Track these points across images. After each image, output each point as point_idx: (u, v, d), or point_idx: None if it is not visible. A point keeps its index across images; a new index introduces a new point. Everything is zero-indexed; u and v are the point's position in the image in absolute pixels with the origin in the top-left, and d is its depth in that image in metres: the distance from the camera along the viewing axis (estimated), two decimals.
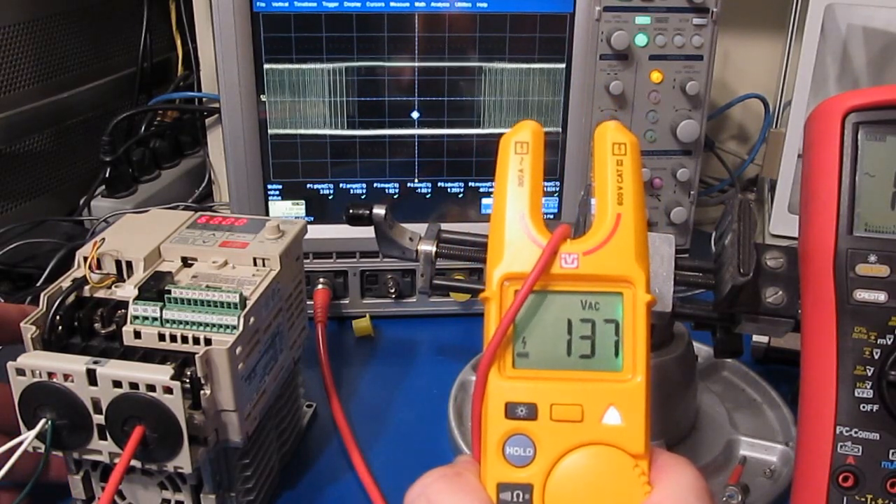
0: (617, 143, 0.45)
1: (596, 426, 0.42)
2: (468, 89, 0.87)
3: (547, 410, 0.42)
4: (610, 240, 0.43)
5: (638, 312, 0.43)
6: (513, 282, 0.43)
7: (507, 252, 0.43)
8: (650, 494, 0.41)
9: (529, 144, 0.45)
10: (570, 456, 0.42)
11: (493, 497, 0.42)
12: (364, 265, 0.91)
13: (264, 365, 0.64)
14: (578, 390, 0.42)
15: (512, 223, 0.44)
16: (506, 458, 0.42)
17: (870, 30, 1.09)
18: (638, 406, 0.42)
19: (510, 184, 0.45)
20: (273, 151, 0.87)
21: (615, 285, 0.43)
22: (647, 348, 0.43)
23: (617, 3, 0.83)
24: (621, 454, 0.42)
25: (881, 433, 0.51)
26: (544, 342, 0.43)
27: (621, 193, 0.44)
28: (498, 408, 0.42)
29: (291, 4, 0.82)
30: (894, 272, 0.51)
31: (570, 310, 0.43)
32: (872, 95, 0.53)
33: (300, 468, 0.73)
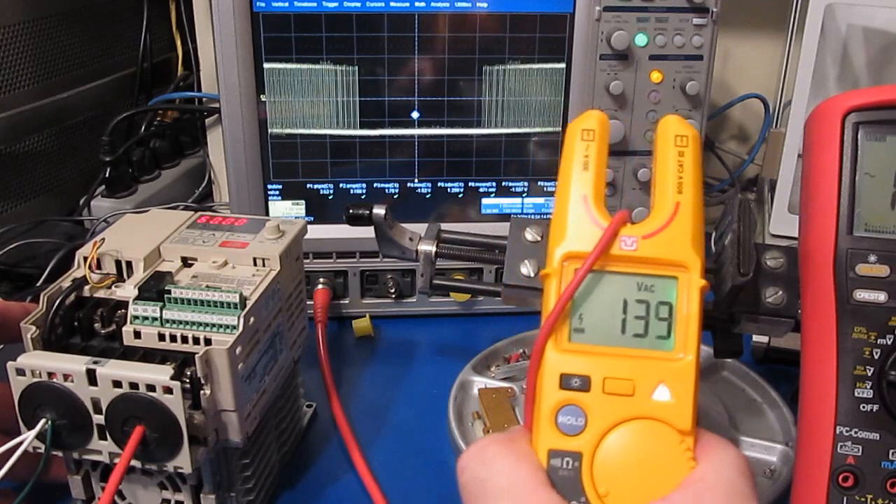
0: (679, 135, 0.48)
1: (646, 401, 0.44)
2: (468, 89, 0.87)
3: (600, 383, 0.44)
4: (668, 226, 0.46)
5: (692, 296, 0.45)
6: (573, 260, 0.46)
7: (569, 232, 0.46)
8: (695, 469, 0.43)
9: (596, 132, 0.49)
10: (620, 428, 0.44)
11: (543, 463, 0.44)
12: (364, 265, 0.91)
13: (264, 365, 0.64)
14: (631, 366, 0.45)
15: (575, 205, 0.47)
16: (558, 426, 0.44)
17: (870, 30, 1.09)
18: (687, 384, 0.44)
19: (575, 168, 0.48)
20: (273, 151, 0.87)
21: (671, 269, 0.46)
22: (698, 330, 0.45)
23: (617, 3, 0.83)
24: (669, 429, 0.44)
25: (881, 433, 0.51)
26: (600, 319, 0.46)
27: (681, 183, 0.47)
28: (553, 379, 0.44)
29: (291, 4, 0.82)
30: (894, 272, 0.51)
31: (626, 290, 0.46)
32: (872, 95, 0.53)
33: (300, 468, 0.73)
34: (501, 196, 0.91)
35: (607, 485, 0.43)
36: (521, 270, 0.61)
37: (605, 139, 0.49)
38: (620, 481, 0.43)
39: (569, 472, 0.43)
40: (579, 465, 0.43)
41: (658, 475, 0.43)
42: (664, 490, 0.42)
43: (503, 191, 0.91)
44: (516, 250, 0.62)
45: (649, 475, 0.43)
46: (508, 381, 0.81)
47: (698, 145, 0.48)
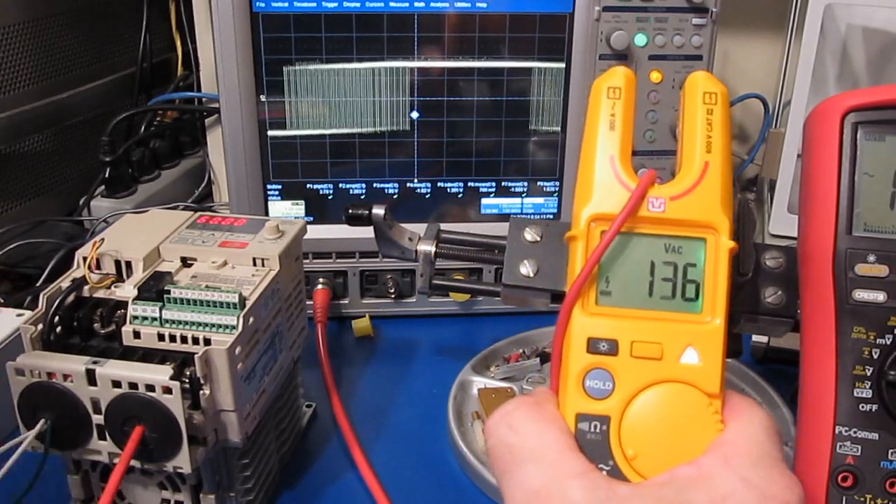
0: (708, 92, 0.46)
1: (674, 364, 0.43)
2: (468, 89, 0.87)
3: (627, 347, 0.44)
4: (697, 186, 0.45)
5: (720, 258, 0.45)
6: (599, 222, 0.45)
7: (595, 193, 0.45)
8: (723, 432, 0.42)
9: (622, 90, 0.47)
10: (648, 391, 0.43)
11: (571, 426, 0.43)
12: (364, 265, 0.91)
13: (264, 365, 0.64)
14: (659, 329, 0.44)
15: (601, 165, 0.46)
16: (585, 390, 0.43)
17: (869, 29, 1.09)
18: (715, 347, 0.44)
19: (601, 127, 0.46)
20: (273, 151, 0.87)
21: (699, 231, 0.45)
22: (727, 293, 0.44)
23: (616, 3, 0.83)
24: (697, 392, 0.43)
25: (880, 433, 0.51)
26: (627, 282, 0.45)
27: (710, 142, 0.45)
28: (580, 342, 0.44)
29: (291, 4, 0.82)
30: (893, 272, 0.51)
31: (653, 252, 0.45)
32: (871, 95, 0.52)
33: (300, 468, 0.73)
34: (501, 196, 0.91)
35: (635, 448, 0.43)
36: (521, 271, 0.61)
37: (632, 97, 0.47)
38: (648, 444, 0.43)
39: (596, 435, 0.43)
40: (607, 428, 0.43)
41: (686, 438, 0.42)
42: (693, 453, 0.42)
43: (503, 191, 0.91)
44: (515, 250, 0.62)
45: (677, 438, 0.42)
46: (508, 381, 0.81)
47: (727, 103, 0.46)
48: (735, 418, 0.43)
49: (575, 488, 0.39)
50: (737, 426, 0.43)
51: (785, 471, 0.41)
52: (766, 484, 0.40)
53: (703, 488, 0.39)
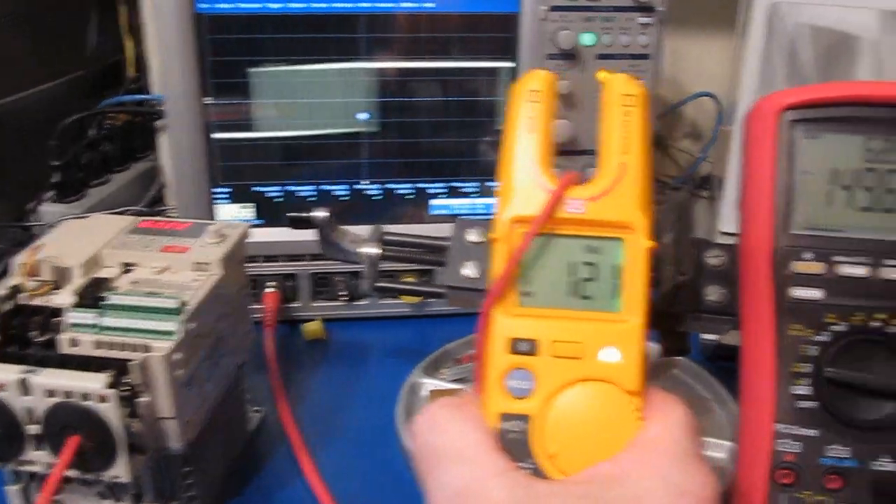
0: (626, 94, 0.48)
1: (594, 363, 0.44)
2: (417, 90, 0.86)
3: (548, 347, 0.44)
4: (615, 187, 0.46)
5: (638, 258, 0.46)
6: (520, 224, 0.45)
7: (515, 196, 0.46)
8: (643, 429, 0.43)
9: (541, 92, 0.48)
10: (569, 390, 0.44)
11: (493, 426, 0.44)
12: (315, 268, 0.91)
13: (206, 371, 0.63)
14: (579, 329, 0.45)
15: (521, 168, 0.46)
16: (507, 390, 0.44)
17: (818, 28, 1.10)
18: (634, 345, 0.45)
19: (520, 130, 0.47)
20: (220, 155, 0.86)
21: (618, 231, 0.46)
22: (645, 292, 0.46)
23: (563, 3, 0.83)
24: (617, 390, 0.44)
25: (819, 430, 0.51)
26: (548, 283, 0.46)
27: (627, 143, 0.46)
28: (501, 343, 0.45)
29: (235, 5, 0.81)
30: (830, 269, 0.51)
31: (573, 253, 0.46)
32: (807, 93, 0.53)
33: (247, 474, 0.72)
34: (452, 197, 0.91)
35: (556, 446, 0.43)
36: (464, 272, 0.61)
37: (552, 99, 0.48)
38: (569, 443, 0.43)
39: (518, 434, 0.43)
40: (528, 427, 0.43)
41: (606, 436, 0.43)
42: (613, 450, 0.42)
43: (454, 192, 0.91)
44: (459, 252, 0.61)
45: (598, 436, 0.43)
46: (459, 383, 0.80)
47: (646, 104, 0.48)
48: (655, 415, 0.44)
49: (496, 487, 0.40)
50: (657, 423, 0.43)
51: (702, 467, 0.41)
52: (683, 480, 0.40)
53: (621, 485, 0.40)
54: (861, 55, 1.10)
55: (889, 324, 0.51)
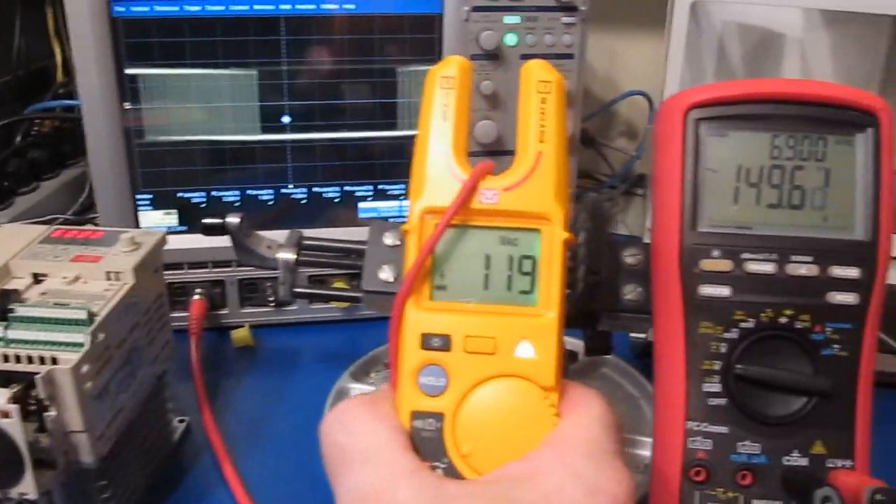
0: (542, 80, 0.46)
1: (508, 359, 0.43)
2: (340, 92, 0.86)
3: (461, 342, 0.43)
4: (530, 177, 0.44)
5: (554, 249, 0.44)
6: (433, 215, 0.44)
7: (428, 186, 0.45)
8: (558, 426, 0.42)
9: (455, 79, 0.46)
10: (482, 387, 0.43)
11: (406, 424, 0.43)
12: (242, 274, 0.90)
13: (119, 382, 0.61)
14: (493, 323, 0.43)
15: (434, 158, 0.45)
16: (419, 387, 0.43)
17: (744, 26, 1.11)
18: (550, 340, 0.43)
19: (434, 118, 0.46)
20: (141, 160, 0.85)
21: (533, 222, 0.44)
22: (562, 285, 0.44)
23: (485, 3, 0.83)
24: (532, 386, 0.43)
25: (730, 427, 0.51)
26: (462, 276, 0.44)
27: (543, 131, 0.45)
28: (413, 338, 0.43)
29: (152, 9, 0.79)
30: (737, 266, 0.51)
31: (488, 244, 0.45)
32: (712, 91, 0.53)
33: (169, 486, 0.71)
34: (380, 200, 0.91)
35: (470, 445, 0.42)
36: (381, 276, 0.61)
37: (467, 87, 0.47)
38: (483, 441, 0.42)
39: (431, 433, 0.42)
40: (442, 425, 0.42)
41: (521, 433, 0.42)
42: (527, 448, 0.41)
43: (380, 194, 0.90)
44: (375, 255, 0.61)
45: (512, 433, 0.42)
46: None
47: (562, 91, 0.46)
48: (571, 411, 0.43)
49: (403, 488, 0.39)
50: (572, 419, 0.42)
51: (616, 463, 0.41)
52: (595, 477, 0.39)
53: (532, 484, 0.39)
54: (787, 52, 1.11)
55: (797, 320, 0.51)
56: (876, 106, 0.52)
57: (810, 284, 0.51)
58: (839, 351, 0.51)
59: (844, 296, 0.51)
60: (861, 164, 0.52)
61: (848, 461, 0.51)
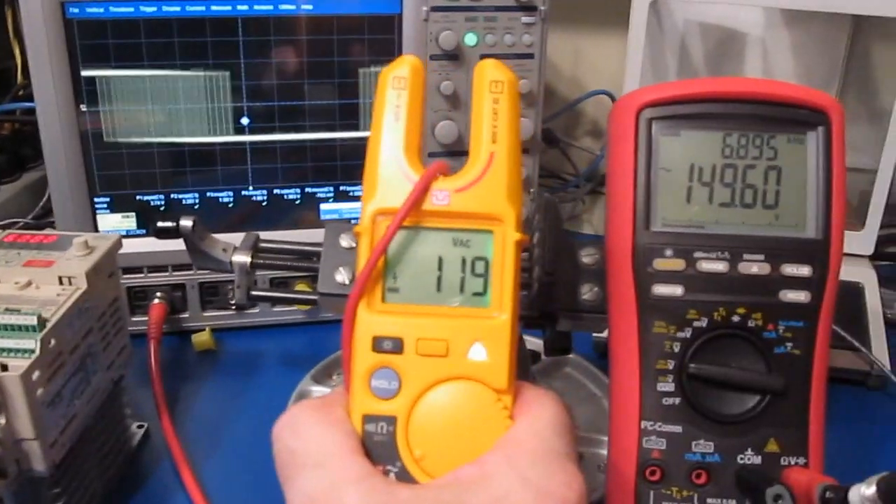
0: (495, 80, 0.45)
1: (461, 361, 0.43)
2: (298, 93, 0.85)
3: (413, 345, 0.43)
4: (482, 178, 0.44)
5: (507, 251, 0.44)
6: (385, 217, 0.43)
7: (380, 188, 0.44)
8: (510, 429, 0.42)
9: (407, 80, 0.45)
10: (435, 390, 0.42)
11: (358, 428, 0.42)
12: (203, 277, 0.89)
13: (73, 388, 0.61)
14: (445, 326, 0.43)
15: (386, 159, 0.44)
16: (371, 390, 0.42)
17: (705, 25, 1.12)
18: (503, 342, 0.43)
19: (386, 119, 0.45)
20: (98, 163, 0.83)
21: (486, 223, 0.44)
22: (514, 286, 0.44)
23: (444, 3, 0.82)
24: (485, 389, 0.42)
25: (683, 426, 0.51)
26: (415, 278, 0.44)
27: (496, 132, 0.44)
28: (365, 341, 0.43)
29: (107, 10, 0.78)
30: (690, 266, 0.51)
31: (441, 246, 0.44)
32: (664, 91, 0.53)
33: (128, 492, 0.70)
34: (340, 201, 0.90)
35: (423, 448, 0.42)
36: (336, 278, 0.60)
37: (419, 87, 0.46)
38: (436, 444, 0.42)
39: (383, 436, 0.42)
40: (394, 429, 0.42)
41: (474, 436, 0.42)
42: (480, 451, 0.41)
43: (342, 195, 0.90)
44: (331, 257, 0.61)
45: (465, 436, 0.42)
46: None
47: (515, 91, 0.45)
48: (524, 413, 0.42)
49: (352, 494, 0.38)
50: (524, 421, 0.42)
51: (567, 466, 0.40)
52: (545, 481, 0.39)
53: (482, 488, 0.39)
54: (748, 51, 1.12)
55: (749, 318, 0.51)
56: (826, 104, 0.52)
57: (762, 283, 0.51)
58: (792, 349, 0.51)
59: (796, 294, 0.51)
60: (812, 163, 0.52)
61: (801, 458, 0.51)
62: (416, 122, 0.46)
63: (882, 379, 0.84)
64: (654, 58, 1.11)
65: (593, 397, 0.81)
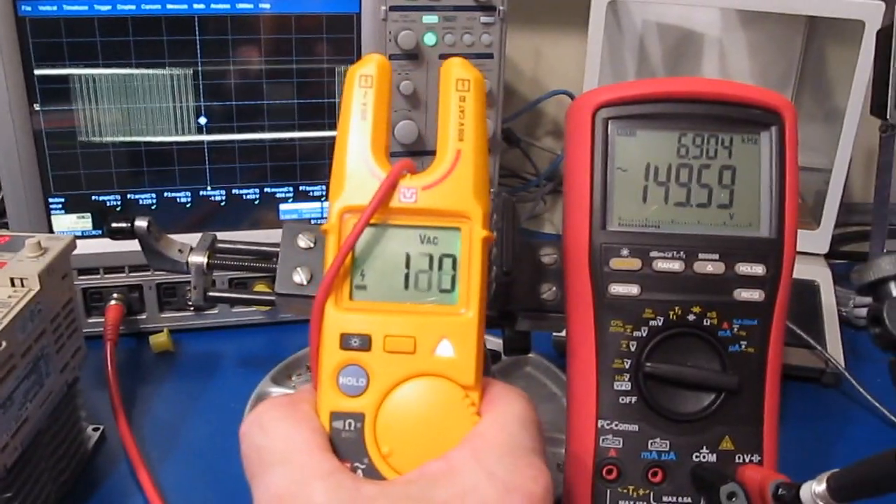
0: (461, 79, 0.45)
1: (428, 358, 0.43)
2: (257, 93, 0.84)
3: (381, 342, 0.43)
4: (449, 175, 0.44)
5: (474, 248, 0.44)
6: (352, 214, 0.44)
7: (347, 185, 0.44)
8: (477, 424, 0.42)
9: (374, 78, 0.45)
10: (402, 387, 0.43)
11: (326, 425, 0.42)
12: (160, 278, 0.88)
13: (25, 391, 0.60)
14: (412, 322, 0.43)
15: (353, 156, 0.45)
16: (339, 387, 0.43)
17: (663, 25, 1.12)
18: (470, 339, 0.43)
19: (353, 117, 0.45)
20: (52, 163, 0.82)
21: (453, 220, 0.44)
22: (482, 283, 0.44)
23: (403, 3, 0.82)
24: (452, 385, 0.43)
25: (640, 424, 0.52)
26: (382, 275, 0.44)
27: (462, 130, 0.45)
28: (333, 338, 0.43)
29: (60, 8, 0.77)
30: (646, 265, 0.52)
31: (409, 244, 0.44)
32: (620, 91, 0.53)
33: (83, 495, 0.69)
34: (300, 201, 0.89)
35: (390, 444, 0.42)
36: (294, 278, 0.60)
37: (386, 85, 0.46)
38: (403, 441, 0.42)
39: (351, 433, 0.42)
40: (362, 426, 0.42)
41: (441, 432, 0.42)
42: (447, 447, 0.41)
43: (301, 195, 0.89)
44: (289, 258, 0.60)
45: (432, 432, 0.42)
46: None
47: (481, 89, 0.46)
48: (491, 409, 0.43)
49: (318, 490, 0.39)
50: (490, 417, 0.42)
51: (534, 461, 0.41)
52: (511, 476, 0.39)
53: (449, 483, 0.39)
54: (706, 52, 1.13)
55: (704, 317, 0.52)
56: (780, 105, 0.53)
57: (717, 282, 0.52)
58: (746, 347, 0.52)
59: (750, 293, 0.52)
60: (766, 163, 0.53)
61: (756, 456, 0.52)
62: (383, 120, 0.46)
63: (836, 376, 0.85)
64: (613, 58, 1.12)
65: (553, 396, 0.81)
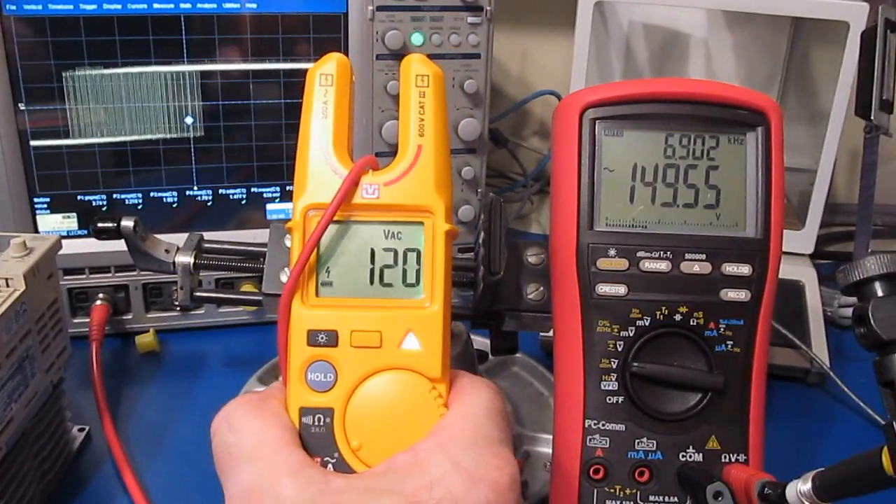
0: (420, 75, 0.47)
1: (394, 352, 0.44)
2: (243, 92, 0.84)
3: (347, 337, 0.43)
4: (410, 170, 0.45)
5: (437, 242, 0.45)
6: (316, 212, 0.44)
7: (309, 183, 0.45)
8: (444, 416, 0.43)
9: (334, 76, 0.47)
10: (370, 381, 0.43)
11: (295, 421, 0.43)
12: (146, 278, 0.87)
13: (10, 391, 0.59)
14: (378, 317, 0.44)
15: (315, 155, 0.45)
16: (307, 383, 0.43)
17: (649, 26, 1.13)
18: (435, 332, 0.44)
19: (314, 116, 0.46)
20: (37, 163, 0.82)
21: (416, 215, 0.45)
22: (446, 276, 0.45)
23: (390, 3, 0.82)
24: (419, 378, 0.44)
25: (627, 424, 0.52)
26: (348, 271, 0.45)
27: (423, 125, 0.46)
28: (300, 335, 0.44)
29: (45, 7, 0.77)
30: (633, 265, 0.52)
31: (373, 239, 0.45)
32: (607, 91, 0.53)
33: (68, 496, 0.69)
34: (287, 201, 0.89)
35: (359, 438, 0.43)
36: (282, 278, 0.60)
37: (346, 83, 0.47)
38: (372, 434, 0.43)
39: (321, 428, 0.43)
40: (331, 421, 0.43)
41: (409, 425, 0.43)
42: (416, 439, 0.42)
43: (288, 195, 0.89)
44: (276, 258, 0.60)
45: (400, 425, 0.43)
46: None
47: (441, 84, 0.47)
48: (458, 400, 0.44)
49: (287, 485, 0.39)
50: (457, 409, 0.43)
51: (499, 451, 0.41)
52: (476, 465, 0.40)
53: (415, 474, 0.40)
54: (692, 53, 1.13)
55: (691, 317, 0.52)
56: (765, 105, 0.53)
57: (703, 282, 0.52)
58: (732, 347, 0.52)
59: (736, 293, 0.52)
60: (752, 163, 0.53)
61: (741, 455, 0.52)
62: (344, 117, 0.47)
63: (821, 376, 0.85)
64: (600, 58, 1.12)
65: (540, 396, 0.81)
